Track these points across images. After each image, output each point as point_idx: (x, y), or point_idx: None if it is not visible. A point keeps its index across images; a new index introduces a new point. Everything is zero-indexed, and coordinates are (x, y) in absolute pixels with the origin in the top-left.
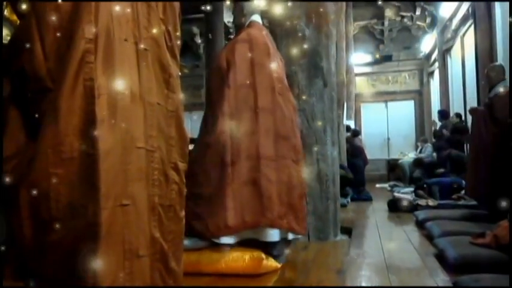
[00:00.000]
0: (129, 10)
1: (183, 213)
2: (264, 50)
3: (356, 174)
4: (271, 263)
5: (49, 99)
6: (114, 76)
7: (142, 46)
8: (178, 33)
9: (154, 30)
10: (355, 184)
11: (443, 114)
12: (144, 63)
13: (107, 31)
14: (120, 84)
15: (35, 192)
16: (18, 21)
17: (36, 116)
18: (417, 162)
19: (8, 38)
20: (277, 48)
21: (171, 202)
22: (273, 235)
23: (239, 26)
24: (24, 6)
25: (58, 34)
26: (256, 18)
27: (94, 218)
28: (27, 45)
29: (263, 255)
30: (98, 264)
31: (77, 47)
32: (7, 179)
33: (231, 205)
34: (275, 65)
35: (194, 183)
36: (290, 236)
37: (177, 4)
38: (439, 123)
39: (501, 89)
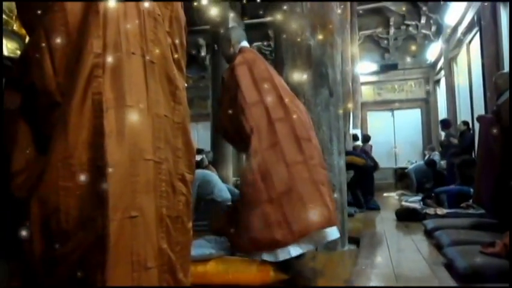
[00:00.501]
0: (136, 23)
1: (190, 224)
2: (262, 65)
3: (367, 180)
4: (279, 274)
5: (58, 113)
6: (122, 89)
7: (149, 59)
8: (184, 46)
9: (161, 44)
10: (365, 190)
11: (446, 123)
12: (151, 76)
13: (114, 45)
14: (128, 98)
15: (45, 205)
16: (28, 36)
17: (46, 130)
18: (430, 162)
19: (18, 51)
20: (282, 58)
21: (178, 213)
22: (334, 232)
23: (228, 57)
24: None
25: (67, 49)
26: (245, 44)
27: (103, 230)
28: (37, 60)
29: (271, 267)
30: (106, 276)
31: (86, 62)
32: (16, 194)
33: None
34: (277, 77)
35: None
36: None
37: (183, 17)
38: (442, 133)
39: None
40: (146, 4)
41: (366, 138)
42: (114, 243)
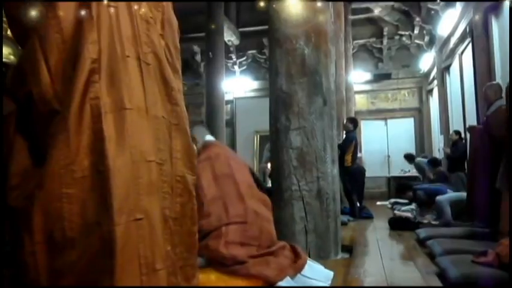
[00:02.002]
0: (129, 27)
1: (194, 227)
2: (224, 160)
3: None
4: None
5: (56, 120)
6: (120, 93)
7: (144, 61)
8: (178, 49)
9: (155, 46)
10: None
11: (410, 157)
12: (147, 77)
13: (109, 49)
14: (126, 101)
15: (48, 214)
16: (20, 46)
17: (44, 138)
18: (434, 162)
19: (11, 57)
20: (276, 66)
21: (176, 215)
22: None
23: None
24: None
25: (62, 55)
26: (209, 137)
27: (109, 235)
28: (33, 69)
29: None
30: (115, 280)
31: (82, 67)
32: (13, 204)
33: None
34: (240, 171)
35: None
36: None
37: (175, 20)
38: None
39: (498, 107)
40: (137, 7)
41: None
42: (121, 247)
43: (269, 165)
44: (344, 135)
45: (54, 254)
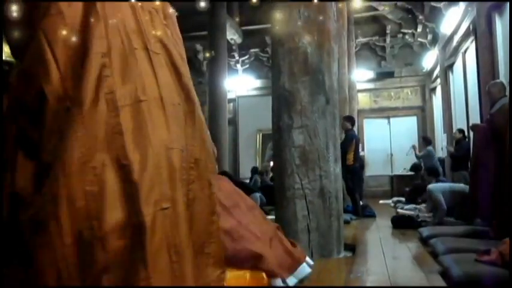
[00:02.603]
0: (132, 19)
1: (214, 217)
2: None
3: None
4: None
5: (69, 119)
6: (133, 85)
7: (153, 51)
8: (181, 39)
9: (161, 34)
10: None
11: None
12: (158, 66)
13: (117, 42)
14: (139, 93)
15: (74, 215)
16: (14, 58)
17: (52, 138)
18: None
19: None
20: (279, 65)
21: (188, 202)
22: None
23: None
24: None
25: (70, 52)
26: None
27: (138, 228)
28: (42, 66)
29: (264, 275)
30: (149, 271)
31: (93, 63)
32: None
33: None
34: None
35: None
36: None
37: (173, 12)
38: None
39: (502, 105)
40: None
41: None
42: (150, 237)
43: (272, 163)
44: (343, 135)
45: (86, 255)
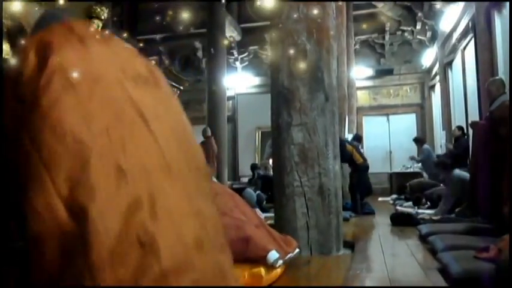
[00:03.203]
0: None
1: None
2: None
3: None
4: (271, 275)
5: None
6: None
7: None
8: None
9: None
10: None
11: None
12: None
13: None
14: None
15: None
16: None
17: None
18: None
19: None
20: (278, 63)
21: None
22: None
23: None
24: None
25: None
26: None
27: (149, 236)
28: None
29: (262, 270)
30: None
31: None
32: None
33: None
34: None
35: None
36: None
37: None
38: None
39: (501, 103)
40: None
41: (358, 138)
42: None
43: (271, 161)
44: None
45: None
